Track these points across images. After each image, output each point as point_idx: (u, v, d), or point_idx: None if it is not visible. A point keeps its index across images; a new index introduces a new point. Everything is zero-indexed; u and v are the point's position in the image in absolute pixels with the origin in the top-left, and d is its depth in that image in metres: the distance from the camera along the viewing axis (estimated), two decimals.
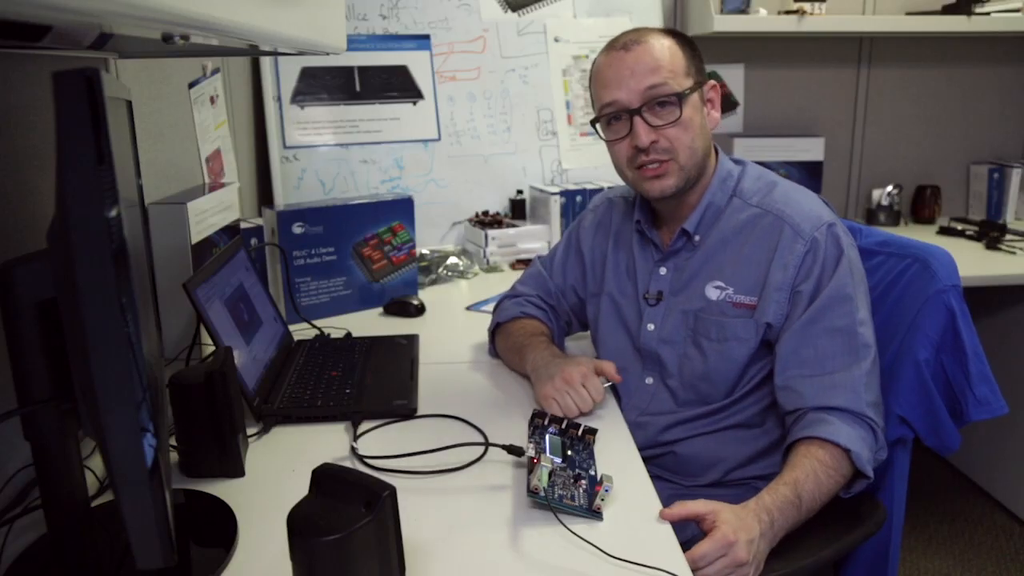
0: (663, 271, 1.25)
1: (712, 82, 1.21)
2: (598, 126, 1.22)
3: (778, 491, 1.00)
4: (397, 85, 2.19)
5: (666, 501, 0.95)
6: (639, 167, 1.18)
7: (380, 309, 1.73)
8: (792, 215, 1.15)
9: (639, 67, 1.15)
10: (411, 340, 1.47)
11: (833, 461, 1.04)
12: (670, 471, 1.24)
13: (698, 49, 1.21)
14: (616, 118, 1.18)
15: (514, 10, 2.27)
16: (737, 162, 1.26)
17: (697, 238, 1.21)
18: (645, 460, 1.06)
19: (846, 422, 1.06)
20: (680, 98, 1.14)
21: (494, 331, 1.40)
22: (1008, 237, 2.25)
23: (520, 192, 2.26)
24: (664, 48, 1.16)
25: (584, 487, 0.94)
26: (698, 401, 1.21)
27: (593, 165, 2.32)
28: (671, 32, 1.21)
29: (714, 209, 1.21)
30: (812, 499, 1.01)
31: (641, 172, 1.18)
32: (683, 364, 1.22)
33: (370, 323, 1.65)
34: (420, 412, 1.19)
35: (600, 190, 2.12)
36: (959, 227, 2.40)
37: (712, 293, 1.19)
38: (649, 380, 1.27)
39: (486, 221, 2.17)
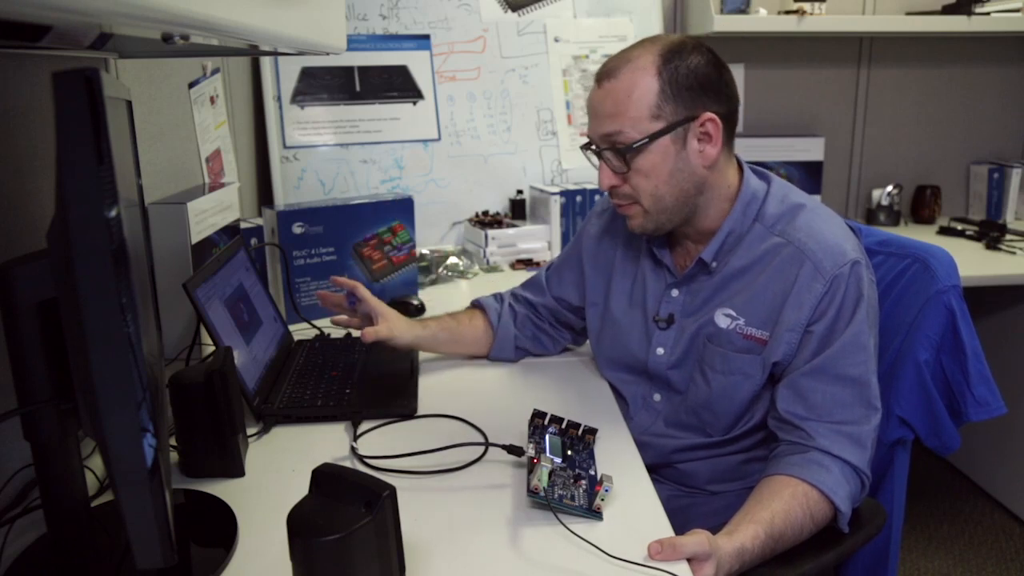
0: (675, 293, 1.20)
1: (707, 115, 1.08)
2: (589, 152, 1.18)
3: (760, 539, 0.94)
4: (397, 85, 2.19)
5: (665, 503, 0.95)
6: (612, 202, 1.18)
7: None
8: (815, 250, 1.08)
9: (601, 109, 1.10)
10: None
11: (822, 517, 1.01)
12: (669, 479, 1.23)
13: (703, 69, 1.08)
14: (594, 152, 1.15)
15: (514, 10, 2.27)
16: (761, 177, 1.18)
17: (714, 265, 1.15)
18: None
19: (847, 477, 1.02)
20: (630, 150, 1.08)
21: None
22: (1008, 237, 2.25)
23: (520, 192, 2.26)
24: (632, 87, 1.07)
25: (584, 487, 0.94)
26: (699, 428, 1.18)
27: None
28: (667, 52, 1.08)
29: (735, 236, 1.14)
30: (784, 548, 0.98)
31: (614, 205, 1.19)
32: (689, 387, 1.18)
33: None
34: (420, 412, 1.19)
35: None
36: (959, 227, 2.40)
37: (722, 321, 1.13)
38: (657, 397, 1.24)
39: (486, 221, 2.17)
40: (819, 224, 1.11)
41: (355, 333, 1.52)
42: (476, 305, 1.43)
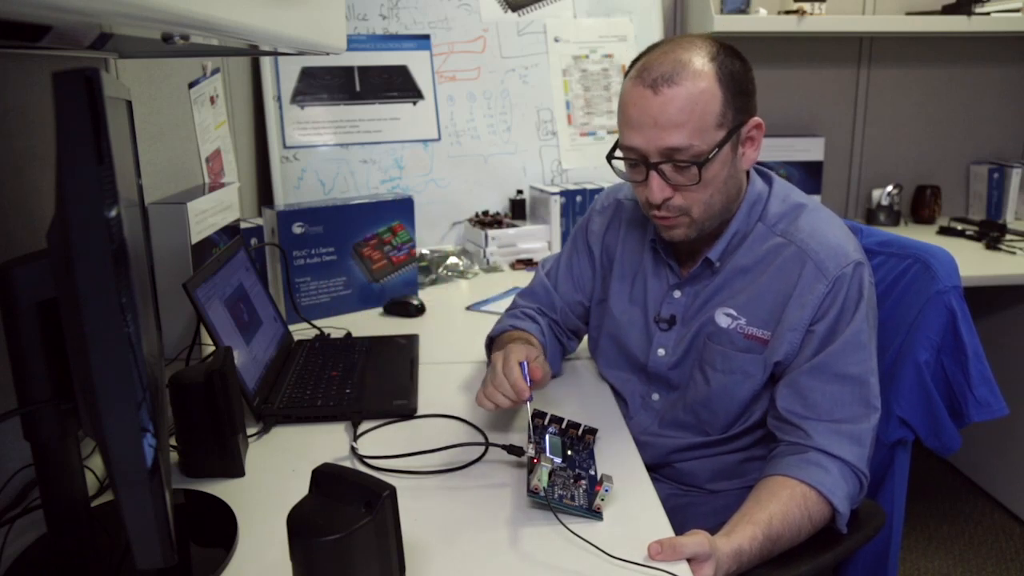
0: (677, 294, 1.19)
1: (756, 120, 1.08)
2: (614, 163, 1.12)
3: (758, 540, 0.94)
4: (397, 85, 2.19)
5: (664, 502, 0.95)
6: (652, 215, 1.12)
7: (380, 309, 1.73)
8: (817, 250, 1.08)
9: (663, 118, 1.02)
10: (411, 340, 1.47)
11: (820, 518, 1.00)
12: (668, 478, 1.23)
13: (745, 73, 1.08)
14: (634, 164, 1.09)
15: (514, 10, 2.27)
16: (763, 177, 1.18)
17: (718, 264, 1.15)
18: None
19: (845, 477, 1.02)
20: (704, 163, 1.03)
21: (490, 347, 1.34)
22: (1008, 237, 2.25)
23: (520, 192, 2.26)
24: (697, 95, 1.02)
25: (584, 487, 0.94)
26: (697, 427, 1.18)
27: (593, 165, 2.32)
28: (716, 55, 1.05)
29: (739, 236, 1.14)
30: (782, 549, 0.98)
31: (654, 218, 1.12)
32: (688, 385, 1.18)
33: (370, 323, 1.65)
34: (420, 412, 1.19)
35: (600, 190, 2.14)
36: (959, 227, 2.40)
37: (723, 320, 1.13)
38: (656, 396, 1.24)
39: (486, 221, 2.17)
40: (821, 225, 1.12)
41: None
42: (519, 329, 1.31)
